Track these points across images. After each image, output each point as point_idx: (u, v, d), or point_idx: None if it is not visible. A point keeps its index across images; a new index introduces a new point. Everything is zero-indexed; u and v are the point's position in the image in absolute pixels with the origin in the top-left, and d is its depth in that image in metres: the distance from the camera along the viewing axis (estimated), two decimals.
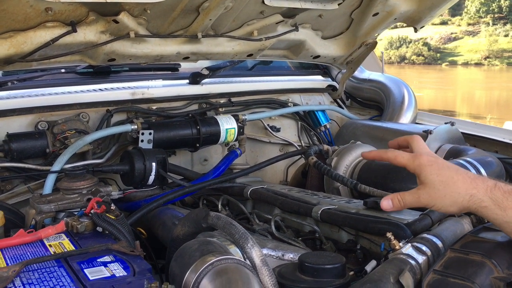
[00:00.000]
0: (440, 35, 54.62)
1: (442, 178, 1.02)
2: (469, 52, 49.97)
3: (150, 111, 1.95)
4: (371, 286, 0.91)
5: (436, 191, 1.02)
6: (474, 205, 0.99)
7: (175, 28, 1.80)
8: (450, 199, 1.00)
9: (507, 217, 0.95)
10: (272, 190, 1.71)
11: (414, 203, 1.07)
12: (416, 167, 1.07)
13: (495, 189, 0.98)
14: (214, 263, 0.91)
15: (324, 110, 2.45)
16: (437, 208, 1.05)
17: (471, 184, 0.99)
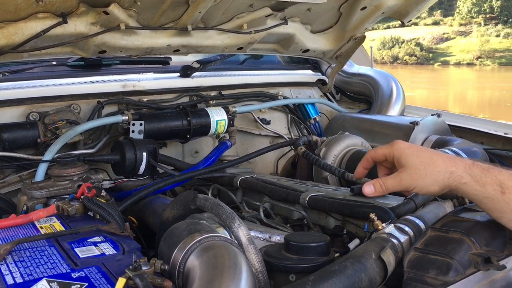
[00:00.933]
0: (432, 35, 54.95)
1: (422, 159, 1.04)
2: (461, 52, 50.29)
3: (141, 103, 1.98)
4: (353, 261, 0.94)
5: (417, 171, 1.04)
6: (455, 182, 1.01)
7: (165, 21, 1.82)
8: (431, 178, 1.02)
9: (486, 193, 0.97)
10: (262, 179, 1.74)
11: (396, 186, 1.09)
12: (395, 151, 1.10)
13: (474, 167, 1.00)
14: (201, 240, 0.93)
15: (313, 103, 2.48)
16: (419, 189, 1.06)
17: (450, 162, 1.02)
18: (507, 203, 0.96)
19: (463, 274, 0.95)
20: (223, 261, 0.86)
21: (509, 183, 0.96)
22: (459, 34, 54.59)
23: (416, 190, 1.07)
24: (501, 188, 0.96)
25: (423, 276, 0.97)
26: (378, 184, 1.11)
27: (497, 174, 0.98)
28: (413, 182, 1.05)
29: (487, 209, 1.01)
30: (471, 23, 55.21)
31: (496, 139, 2.17)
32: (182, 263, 0.91)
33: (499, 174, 0.98)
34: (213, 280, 0.80)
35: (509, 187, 0.96)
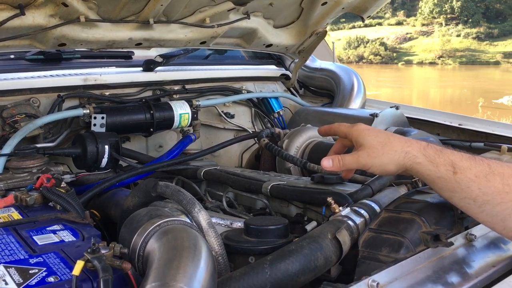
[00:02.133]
0: (396, 35, 56.10)
1: (379, 139, 1.06)
2: (423, 52, 51.55)
3: (103, 97, 1.96)
4: (310, 241, 0.98)
5: (374, 150, 1.06)
6: (409, 161, 1.03)
7: (126, 14, 1.82)
8: (387, 157, 1.04)
9: (439, 173, 1.00)
10: (225, 170, 1.76)
11: (353, 163, 1.09)
12: (354, 132, 1.12)
13: (428, 147, 1.03)
14: (161, 224, 0.94)
15: (277, 98, 2.52)
16: (376, 168, 1.07)
17: (406, 143, 1.05)
18: (458, 182, 0.98)
19: (414, 251, 0.99)
20: (182, 242, 0.87)
21: (460, 163, 0.99)
22: (422, 34, 55.95)
23: (372, 168, 1.07)
24: (453, 168, 0.99)
25: (377, 255, 1.01)
26: (337, 159, 1.10)
27: (450, 155, 1.01)
28: (370, 160, 1.06)
29: (439, 189, 1.04)
30: (433, 23, 56.67)
31: (451, 130, 2.26)
32: (142, 247, 0.92)
33: (451, 155, 1.02)
34: (172, 260, 0.81)
35: (461, 167, 0.99)
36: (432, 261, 0.99)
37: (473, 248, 1.07)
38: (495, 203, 0.96)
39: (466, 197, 0.99)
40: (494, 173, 0.97)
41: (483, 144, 2.04)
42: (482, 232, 1.12)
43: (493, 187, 0.96)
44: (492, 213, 0.97)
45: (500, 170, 0.98)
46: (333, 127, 1.21)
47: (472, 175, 0.98)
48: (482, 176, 0.97)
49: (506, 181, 0.96)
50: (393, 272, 0.92)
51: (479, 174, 0.98)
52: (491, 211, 0.97)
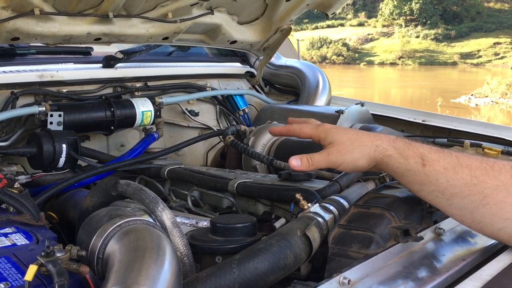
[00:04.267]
0: (357, 36, 57.13)
1: (348, 135, 1.05)
2: (384, 53, 52.69)
3: (60, 94, 1.87)
4: (279, 238, 0.94)
5: (344, 146, 1.04)
6: (380, 154, 1.02)
7: (84, 7, 1.74)
8: (358, 152, 1.03)
9: (409, 165, 0.99)
10: (190, 168, 1.71)
11: (323, 161, 1.06)
12: (321, 132, 1.10)
13: (397, 140, 1.02)
14: (121, 224, 0.89)
15: (242, 95, 2.48)
16: (347, 164, 1.04)
17: (375, 137, 1.04)
18: (427, 175, 0.98)
19: (384, 246, 0.98)
20: (145, 243, 0.83)
21: (429, 155, 0.99)
22: (382, 35, 57.15)
23: (343, 165, 1.05)
24: (422, 161, 0.99)
25: (347, 251, 0.99)
26: (305, 158, 1.07)
27: (419, 147, 1.01)
28: (340, 157, 1.04)
29: (408, 183, 1.02)
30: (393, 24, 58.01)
31: (415, 126, 2.28)
32: (101, 249, 0.86)
33: (420, 147, 1.01)
34: (134, 262, 0.77)
35: (429, 159, 0.98)
36: (402, 256, 0.98)
37: (442, 242, 1.06)
38: (463, 195, 0.96)
39: (435, 190, 0.98)
40: (462, 165, 0.97)
41: (446, 140, 2.07)
42: (451, 226, 1.12)
43: (461, 179, 0.96)
44: (460, 206, 0.97)
45: (468, 162, 0.97)
46: (293, 129, 1.17)
47: (440, 167, 0.97)
48: (450, 168, 0.97)
49: (474, 173, 0.96)
50: (364, 268, 0.90)
51: (447, 166, 0.97)
52: (459, 203, 0.97)
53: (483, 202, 0.94)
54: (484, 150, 1.88)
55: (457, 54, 49.23)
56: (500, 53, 47.50)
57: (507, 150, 1.85)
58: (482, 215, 0.95)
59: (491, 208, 0.94)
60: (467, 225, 1.00)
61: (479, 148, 1.92)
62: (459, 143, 1.98)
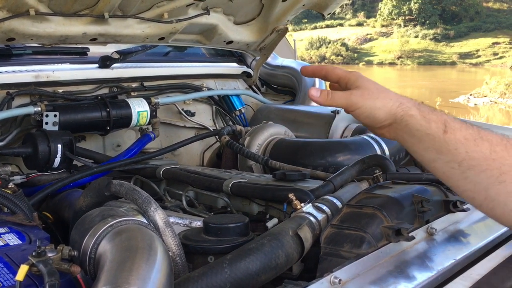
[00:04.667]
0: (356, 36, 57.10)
1: (377, 86, 1.01)
2: (383, 52, 52.67)
3: (56, 94, 1.88)
4: (270, 238, 0.95)
5: (369, 92, 0.99)
6: (402, 111, 0.97)
7: (79, 7, 1.74)
8: (381, 101, 0.99)
9: (429, 129, 0.95)
10: (185, 169, 1.71)
11: (343, 99, 1.00)
12: (352, 75, 1.04)
13: (421, 104, 0.99)
14: (114, 224, 0.89)
15: (238, 95, 2.49)
16: (365, 109, 0.99)
17: (401, 96, 1.00)
18: (446, 142, 0.94)
19: (376, 246, 0.98)
20: (136, 243, 0.83)
21: (452, 123, 0.95)
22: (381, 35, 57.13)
23: (361, 109, 0.99)
24: (445, 127, 0.94)
25: (339, 251, 0.99)
26: (326, 92, 1.01)
27: (442, 114, 0.97)
28: (361, 100, 0.99)
29: (424, 149, 0.97)
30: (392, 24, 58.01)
31: None
32: (93, 249, 0.87)
33: (443, 114, 0.98)
34: (125, 262, 0.77)
35: (451, 127, 0.94)
36: (394, 255, 0.98)
37: (434, 241, 1.07)
38: (480, 169, 0.92)
39: (452, 160, 0.94)
40: (483, 138, 0.93)
41: None
42: (443, 225, 1.13)
43: (480, 152, 0.92)
44: (475, 180, 0.93)
45: (488, 136, 0.93)
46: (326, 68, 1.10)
47: (461, 137, 0.93)
48: (471, 139, 0.93)
49: (494, 148, 0.92)
50: (355, 268, 0.90)
51: (468, 137, 0.93)
52: (474, 177, 0.93)
53: (499, 179, 0.90)
54: None
55: (456, 54, 49.24)
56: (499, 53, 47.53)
57: None
58: (497, 192, 0.91)
59: (507, 186, 0.90)
60: (479, 203, 0.95)
61: None
62: None
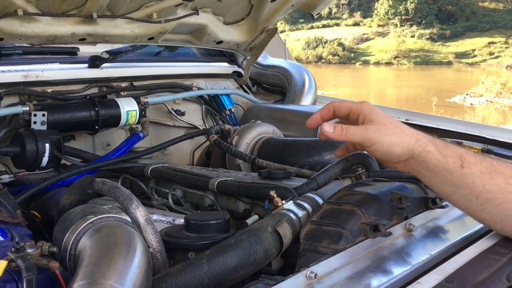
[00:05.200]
0: (353, 35, 57.19)
1: (391, 120, 1.00)
2: (380, 52, 52.78)
3: (45, 94, 1.89)
4: (249, 234, 0.97)
5: (385, 127, 0.98)
6: (419, 147, 0.97)
7: (68, 7, 1.76)
8: (398, 137, 0.97)
9: (447, 164, 0.96)
10: (173, 167, 1.73)
11: (359, 135, 0.98)
12: (365, 107, 1.02)
13: (436, 139, 0.99)
14: (94, 221, 0.91)
15: (228, 95, 2.50)
16: (382, 146, 0.98)
17: (416, 132, 1.00)
18: (464, 176, 0.95)
19: (353, 242, 1.00)
20: (115, 239, 0.85)
21: (467, 158, 0.96)
22: (378, 34, 57.25)
23: (378, 145, 0.97)
24: (461, 162, 0.96)
25: (317, 246, 1.01)
26: (340, 127, 0.98)
27: (457, 148, 0.98)
28: (379, 135, 0.97)
29: (442, 183, 0.99)
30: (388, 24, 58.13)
31: None
32: (73, 245, 0.89)
33: (458, 148, 0.99)
34: (103, 258, 0.79)
35: (467, 161, 0.96)
36: (371, 251, 1.00)
37: (412, 237, 1.09)
38: (497, 202, 0.95)
39: (470, 194, 0.96)
40: (497, 171, 0.96)
41: None
42: (421, 222, 1.14)
43: (496, 185, 0.94)
44: (492, 212, 0.96)
45: (502, 169, 0.96)
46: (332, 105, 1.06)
47: (477, 171, 0.95)
48: (486, 173, 0.95)
49: (509, 181, 0.95)
50: (332, 263, 0.92)
51: (483, 171, 0.95)
52: (492, 209, 0.96)
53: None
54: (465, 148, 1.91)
55: (452, 53, 49.38)
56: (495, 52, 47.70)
57: (487, 148, 1.88)
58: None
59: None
60: (496, 230, 1.00)
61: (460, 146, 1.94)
62: None
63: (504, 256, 0.94)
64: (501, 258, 0.93)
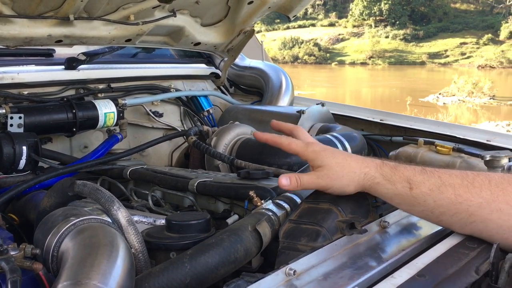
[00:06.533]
0: (329, 36, 57.66)
1: (338, 161, 1.06)
2: (355, 52, 53.32)
3: (21, 96, 1.87)
4: (230, 234, 0.99)
5: (334, 172, 1.05)
6: (369, 182, 1.04)
7: (44, 9, 1.75)
8: (347, 179, 1.05)
9: (396, 190, 1.02)
10: (152, 169, 1.74)
11: (311, 183, 1.08)
12: (310, 153, 1.09)
13: (384, 166, 1.05)
14: (76, 223, 0.92)
15: (206, 96, 2.52)
16: (335, 189, 1.07)
17: (363, 163, 1.05)
18: (414, 197, 1.01)
19: (331, 239, 1.03)
20: (98, 240, 0.86)
21: (414, 178, 1.02)
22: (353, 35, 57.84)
23: (331, 190, 1.07)
24: (409, 184, 1.01)
25: (296, 244, 1.04)
26: (294, 178, 1.07)
27: (404, 171, 1.03)
28: (330, 182, 1.06)
29: (397, 204, 1.06)
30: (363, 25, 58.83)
31: (374, 125, 2.36)
32: (56, 247, 0.89)
33: (405, 170, 1.04)
34: (86, 258, 0.80)
35: (415, 182, 1.01)
36: (348, 248, 1.03)
37: (387, 234, 1.12)
38: (451, 214, 1.00)
39: (424, 210, 1.02)
40: (445, 184, 1.00)
41: (402, 138, 2.16)
42: (395, 219, 1.18)
43: (446, 199, 0.99)
44: (449, 222, 1.02)
45: (450, 180, 1.00)
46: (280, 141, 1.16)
47: (426, 189, 1.00)
48: (435, 189, 1.00)
49: (458, 192, 0.99)
50: (310, 260, 0.95)
51: (432, 187, 1.00)
52: (448, 220, 1.01)
53: (469, 219, 0.98)
54: (437, 147, 1.97)
55: (425, 54, 50.26)
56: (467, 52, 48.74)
57: (458, 147, 1.94)
58: (471, 230, 1.00)
59: (477, 225, 0.98)
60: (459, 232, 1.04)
61: (432, 145, 2.01)
62: (414, 141, 2.06)
63: (473, 251, 0.98)
64: (470, 252, 0.97)
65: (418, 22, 55.77)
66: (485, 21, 53.06)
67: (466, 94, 21.98)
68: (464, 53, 48.93)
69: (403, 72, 41.41)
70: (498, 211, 0.96)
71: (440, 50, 50.61)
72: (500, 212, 0.95)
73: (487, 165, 1.68)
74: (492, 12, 54.83)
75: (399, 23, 55.20)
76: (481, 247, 0.99)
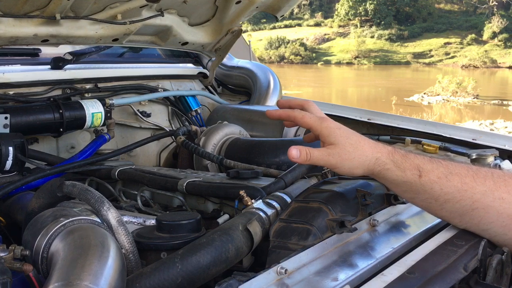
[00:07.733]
0: (315, 36, 57.89)
1: (352, 142, 1.05)
2: (341, 52, 53.62)
3: (7, 96, 1.85)
4: (221, 233, 0.99)
5: (346, 152, 1.04)
6: (379, 167, 1.04)
7: (30, 8, 1.73)
8: (358, 161, 1.04)
9: (405, 177, 1.03)
10: (140, 169, 1.73)
11: (321, 160, 1.05)
12: (324, 129, 1.06)
13: (395, 153, 1.05)
14: (66, 224, 0.91)
15: (194, 96, 2.51)
16: (344, 170, 1.05)
17: (376, 148, 1.05)
18: (422, 185, 1.03)
19: (321, 238, 1.04)
20: (88, 241, 0.85)
21: (424, 166, 1.03)
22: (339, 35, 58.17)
23: (341, 169, 1.05)
24: (419, 172, 1.02)
25: (287, 243, 1.05)
26: (305, 152, 1.03)
27: (414, 159, 1.04)
28: (340, 161, 1.04)
29: (402, 192, 1.07)
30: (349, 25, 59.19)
31: (361, 125, 2.38)
32: (45, 248, 0.88)
33: (415, 158, 1.05)
34: (77, 259, 0.79)
35: (425, 170, 1.03)
36: (338, 246, 1.04)
37: (376, 232, 1.14)
38: (455, 201, 1.02)
39: (429, 198, 1.04)
40: (452, 173, 1.02)
41: (389, 137, 2.17)
42: (384, 217, 1.20)
43: (453, 186, 1.01)
44: (451, 210, 1.03)
45: (457, 170, 1.03)
46: (294, 115, 1.11)
47: (434, 177, 1.02)
48: (443, 177, 1.02)
49: (464, 180, 1.01)
50: (301, 258, 0.95)
51: (440, 175, 1.02)
52: (450, 208, 1.03)
53: (472, 206, 1.01)
54: (424, 146, 2.00)
55: (410, 53, 50.74)
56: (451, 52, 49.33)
57: (444, 146, 1.97)
58: (470, 218, 1.02)
59: (479, 211, 1.01)
60: (455, 224, 1.07)
61: (419, 144, 2.03)
62: (401, 140, 2.09)
63: (461, 248, 1.00)
64: (458, 249, 0.99)
65: (403, 22, 56.29)
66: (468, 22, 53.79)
67: (450, 93, 22.23)
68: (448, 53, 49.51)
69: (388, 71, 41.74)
70: (500, 199, 0.99)
71: (424, 50, 51.14)
72: (501, 200, 0.99)
73: (474, 163, 1.70)
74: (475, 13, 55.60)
75: (384, 23, 55.66)
76: (469, 244, 1.01)
